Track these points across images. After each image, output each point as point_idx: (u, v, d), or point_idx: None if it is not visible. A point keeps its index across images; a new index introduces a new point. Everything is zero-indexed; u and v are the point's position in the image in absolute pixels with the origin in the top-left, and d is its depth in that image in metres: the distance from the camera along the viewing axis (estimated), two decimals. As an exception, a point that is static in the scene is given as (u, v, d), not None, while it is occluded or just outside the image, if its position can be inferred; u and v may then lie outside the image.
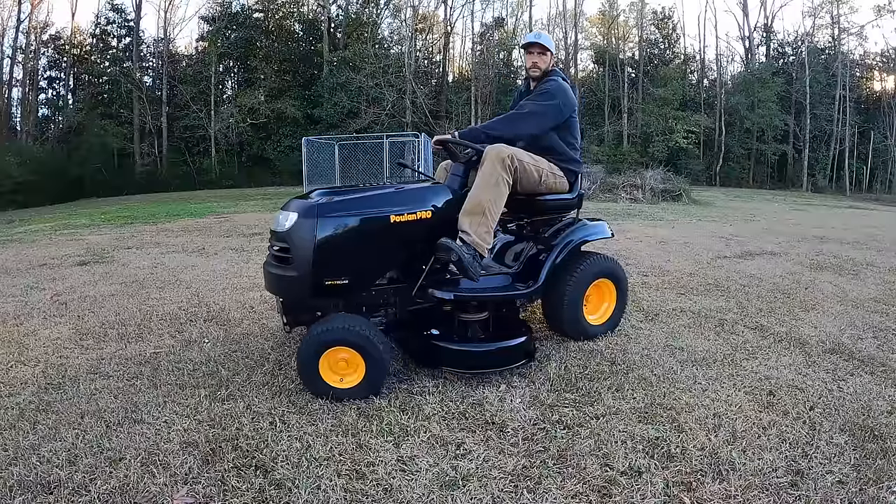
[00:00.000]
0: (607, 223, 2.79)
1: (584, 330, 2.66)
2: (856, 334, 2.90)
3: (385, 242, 2.16)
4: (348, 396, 2.03)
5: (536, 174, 2.47)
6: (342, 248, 2.08)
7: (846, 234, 7.14)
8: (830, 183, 27.59)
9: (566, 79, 2.65)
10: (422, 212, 2.17)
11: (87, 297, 3.61)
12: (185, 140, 23.92)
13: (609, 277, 2.71)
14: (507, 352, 2.29)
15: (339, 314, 2.10)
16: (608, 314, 2.77)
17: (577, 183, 2.70)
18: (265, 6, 26.25)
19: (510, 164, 2.29)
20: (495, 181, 2.25)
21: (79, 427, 1.87)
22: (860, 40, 31.84)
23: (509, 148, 2.34)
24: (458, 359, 2.26)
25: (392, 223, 2.11)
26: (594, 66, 31.95)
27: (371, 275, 2.24)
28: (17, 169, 18.65)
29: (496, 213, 2.28)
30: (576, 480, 1.59)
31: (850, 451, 1.74)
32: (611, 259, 2.75)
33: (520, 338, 2.33)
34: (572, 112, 2.61)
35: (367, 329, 2.03)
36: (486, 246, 2.26)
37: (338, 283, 2.10)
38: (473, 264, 2.17)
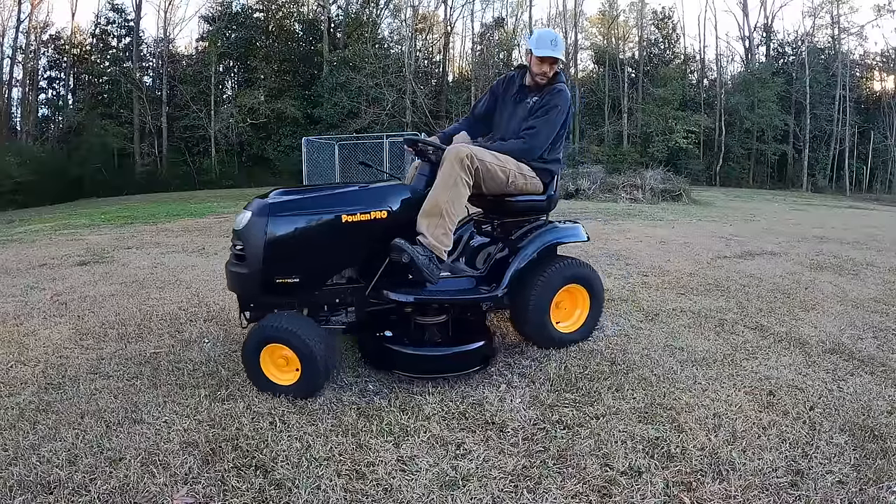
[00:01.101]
0: (583, 226, 2.69)
1: (551, 337, 2.53)
2: (856, 334, 2.90)
3: (336, 242, 2.14)
4: (288, 393, 2.05)
5: (502, 175, 2.39)
6: (292, 246, 2.08)
7: (846, 234, 7.14)
8: (830, 183, 27.59)
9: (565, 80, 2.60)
10: (376, 212, 2.15)
11: (87, 297, 3.61)
12: (185, 140, 23.91)
13: (581, 283, 2.57)
14: (462, 356, 2.25)
15: (282, 312, 2.12)
16: (580, 322, 2.63)
17: (553, 184, 2.61)
18: (265, 6, 26.25)
19: (469, 164, 2.24)
20: (454, 182, 2.21)
21: (79, 427, 1.87)
22: (860, 40, 31.86)
23: (469, 148, 2.29)
24: (409, 362, 2.23)
25: (343, 223, 2.10)
26: (594, 66, 31.94)
27: (322, 274, 2.23)
28: (17, 169, 18.65)
29: (455, 215, 2.24)
30: (576, 480, 1.59)
31: (850, 451, 1.74)
32: (584, 264, 2.61)
33: (476, 343, 2.28)
34: (570, 117, 2.61)
35: (303, 328, 2.02)
36: (443, 248, 2.22)
37: (288, 281, 2.11)
38: (430, 266, 2.13)
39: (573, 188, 12.95)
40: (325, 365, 2.05)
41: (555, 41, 2.47)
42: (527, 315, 2.46)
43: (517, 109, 2.57)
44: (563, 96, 2.49)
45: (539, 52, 2.45)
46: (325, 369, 2.06)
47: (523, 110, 2.54)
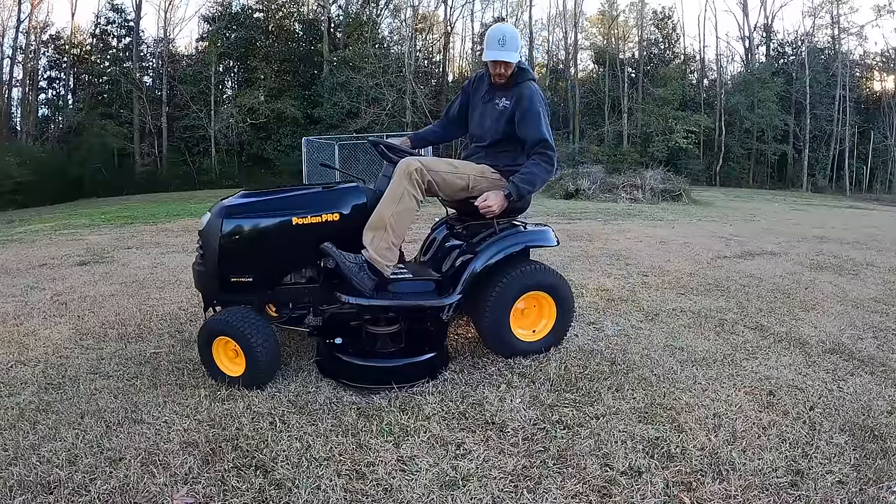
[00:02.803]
0: (552, 230, 2.57)
1: (510, 346, 2.41)
2: (856, 334, 2.90)
3: (287, 244, 2.19)
4: (237, 383, 2.13)
5: (460, 181, 2.35)
6: (244, 247, 2.16)
7: (846, 234, 7.14)
8: (830, 183, 27.59)
9: (534, 76, 2.49)
10: (327, 215, 2.19)
11: (87, 297, 3.61)
12: (185, 140, 23.92)
13: (545, 291, 2.43)
14: (407, 368, 2.21)
15: (233, 308, 2.20)
16: (545, 331, 2.49)
17: None
18: (265, 6, 26.25)
19: (418, 178, 2.22)
20: (400, 196, 2.20)
21: (79, 427, 1.87)
22: (860, 40, 31.88)
23: (419, 161, 2.26)
24: (351, 372, 2.20)
25: (294, 225, 2.15)
26: (594, 66, 31.95)
27: (275, 274, 2.27)
28: (17, 169, 18.67)
29: (400, 230, 2.23)
30: (576, 480, 1.59)
31: (850, 451, 1.74)
32: (549, 271, 2.46)
33: (424, 354, 2.25)
34: None
35: (245, 323, 2.09)
36: (384, 262, 2.20)
37: (242, 280, 2.19)
38: (359, 275, 2.14)
39: (573, 188, 12.95)
40: (268, 358, 2.11)
41: (503, 40, 2.34)
42: (483, 322, 2.37)
43: (487, 109, 2.49)
44: (538, 96, 2.39)
45: (486, 55, 2.36)
46: (266, 362, 2.12)
47: (493, 111, 2.45)
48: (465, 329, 2.85)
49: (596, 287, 3.79)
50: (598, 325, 2.96)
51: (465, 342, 2.68)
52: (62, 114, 26.03)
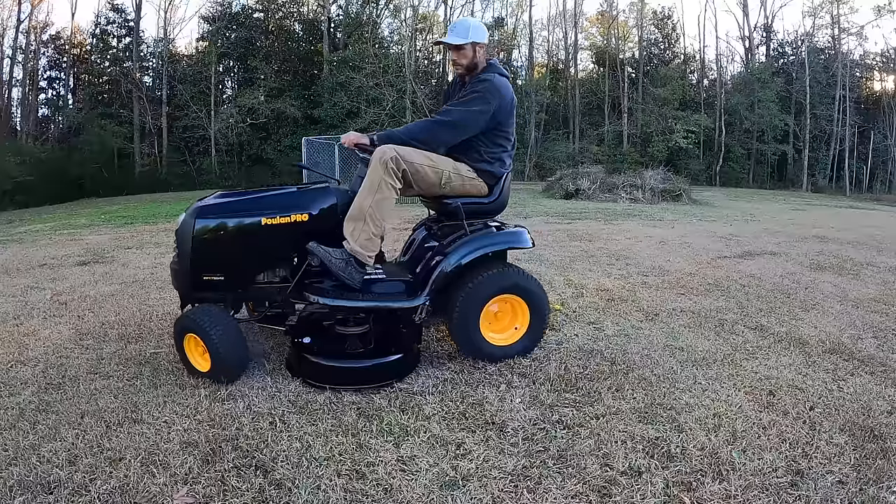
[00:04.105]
0: (528, 231, 2.50)
1: (480, 350, 2.36)
2: (856, 334, 2.90)
3: (256, 244, 2.24)
4: (206, 378, 2.19)
5: (434, 176, 2.30)
6: (215, 246, 2.22)
7: (846, 234, 7.14)
8: (830, 183, 27.58)
9: (504, 72, 2.43)
10: (296, 215, 2.22)
11: (87, 297, 3.61)
12: (185, 140, 23.90)
13: (517, 294, 2.37)
14: (373, 370, 2.20)
15: (202, 306, 2.27)
16: (518, 335, 2.44)
17: (500, 186, 2.46)
18: (265, 6, 26.24)
19: (394, 167, 2.20)
20: (377, 186, 2.20)
21: (79, 427, 1.87)
22: (860, 40, 31.82)
23: (394, 149, 2.22)
24: (314, 371, 2.20)
25: (263, 225, 2.19)
26: (594, 66, 31.96)
27: (245, 273, 2.32)
28: (17, 169, 18.66)
29: (380, 219, 2.23)
30: (576, 480, 1.59)
31: (850, 451, 1.74)
32: (522, 274, 2.39)
33: (389, 356, 2.24)
34: (508, 112, 2.39)
35: (208, 321, 2.15)
36: (366, 253, 2.22)
37: (214, 278, 2.25)
38: (346, 270, 2.17)
39: (573, 188, 12.95)
40: (230, 355, 2.16)
41: (453, 28, 2.39)
42: (453, 325, 2.35)
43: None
44: (489, 84, 2.31)
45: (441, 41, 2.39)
46: (229, 359, 2.16)
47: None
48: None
49: (596, 287, 3.79)
50: (598, 325, 2.96)
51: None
52: (62, 114, 26.03)
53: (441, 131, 2.31)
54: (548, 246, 5.53)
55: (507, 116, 2.40)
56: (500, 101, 2.32)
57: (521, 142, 27.02)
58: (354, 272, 2.20)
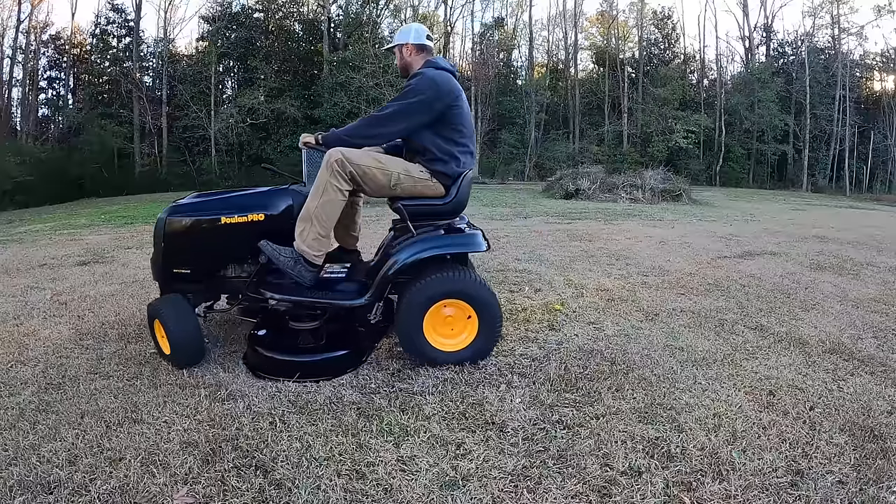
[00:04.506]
0: (483, 234, 2.44)
1: (423, 353, 2.33)
2: (856, 334, 2.90)
3: (216, 241, 2.39)
4: (167, 362, 2.38)
5: (383, 178, 2.32)
6: (182, 242, 2.41)
7: (846, 234, 7.14)
8: (830, 183, 27.59)
9: (444, 67, 2.43)
10: (253, 215, 2.36)
11: (87, 297, 3.61)
12: (185, 140, 23.90)
13: (463, 299, 2.31)
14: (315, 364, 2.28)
15: (167, 295, 2.47)
16: (466, 342, 2.37)
17: (457, 186, 2.41)
18: (265, 6, 26.24)
19: (339, 169, 2.25)
20: (324, 187, 2.26)
21: (79, 427, 1.87)
22: (860, 40, 31.87)
23: (341, 151, 2.26)
24: (261, 363, 2.31)
25: (222, 224, 2.34)
26: (594, 66, 31.98)
27: (208, 268, 2.48)
28: (17, 169, 18.66)
29: (326, 220, 2.29)
30: (576, 480, 1.59)
31: (850, 451, 1.74)
32: (470, 279, 2.30)
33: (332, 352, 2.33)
34: (450, 104, 2.35)
35: (167, 309, 2.35)
36: (314, 253, 2.28)
37: (182, 271, 2.45)
38: (295, 268, 2.27)
39: (573, 188, 12.96)
40: (185, 342, 2.33)
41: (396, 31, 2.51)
42: (398, 327, 2.34)
43: None
44: (420, 78, 2.33)
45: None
46: (184, 345, 2.33)
47: None
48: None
49: (596, 287, 3.79)
50: (598, 325, 2.96)
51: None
52: (62, 114, 26.04)
53: (379, 125, 2.33)
54: (548, 246, 5.53)
55: (451, 109, 2.36)
56: (435, 91, 2.30)
57: (521, 142, 27.07)
58: (304, 271, 2.28)
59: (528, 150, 26.56)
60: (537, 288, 3.74)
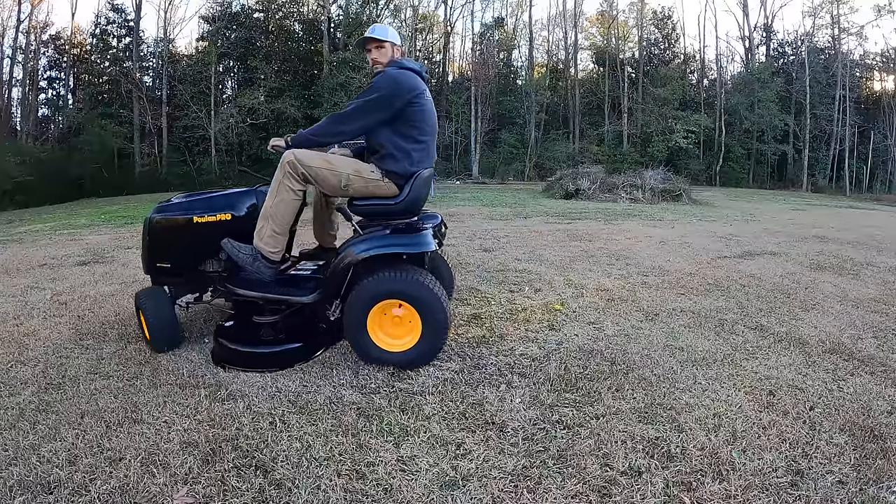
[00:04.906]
0: (431, 234, 2.42)
1: (368, 353, 2.35)
2: (856, 334, 2.90)
3: (189, 238, 2.56)
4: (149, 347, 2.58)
5: (334, 178, 2.36)
6: (162, 239, 2.61)
7: (846, 234, 7.14)
8: (830, 183, 27.59)
9: (408, 66, 2.45)
10: (221, 215, 2.53)
11: (87, 297, 3.61)
12: (185, 140, 23.89)
13: (405, 300, 2.29)
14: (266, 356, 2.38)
15: (149, 287, 2.71)
16: (411, 344, 2.34)
17: (409, 185, 2.41)
18: (265, 6, 26.24)
19: (291, 170, 2.34)
20: (277, 187, 2.37)
21: (79, 427, 1.87)
22: (860, 40, 31.89)
23: (293, 153, 2.35)
24: (221, 354, 2.44)
25: (195, 223, 2.51)
26: (594, 66, 31.99)
27: (185, 263, 2.64)
28: (17, 169, 18.66)
29: (281, 219, 2.38)
30: (576, 480, 1.59)
31: (850, 451, 1.74)
32: (413, 280, 2.27)
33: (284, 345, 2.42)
34: (410, 101, 2.36)
35: (147, 301, 2.57)
36: (269, 250, 2.39)
37: (163, 265, 2.65)
38: (254, 265, 2.39)
39: (573, 188, 12.96)
40: (160, 329, 2.54)
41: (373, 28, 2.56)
42: (345, 325, 2.37)
43: None
44: (383, 75, 2.36)
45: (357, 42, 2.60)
46: (158, 332, 2.54)
47: None
48: (464, 329, 2.85)
49: (596, 287, 3.79)
50: (598, 325, 2.96)
51: (464, 342, 2.68)
52: (62, 114, 26.04)
53: (341, 123, 2.37)
54: (548, 246, 5.53)
55: (411, 106, 2.37)
56: (394, 88, 2.33)
57: (521, 142, 27.08)
58: (262, 267, 2.40)
59: (528, 150, 26.56)
60: (537, 288, 3.74)
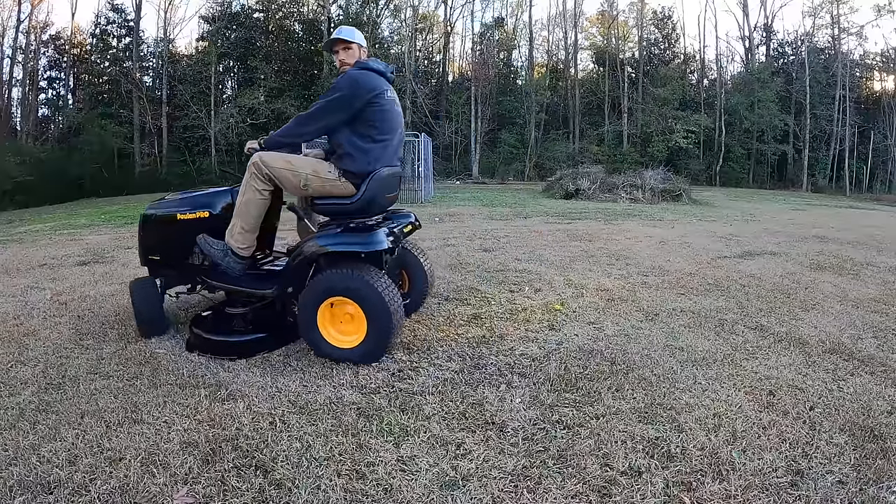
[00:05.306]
0: (385, 233, 2.47)
1: (319, 348, 2.43)
2: (856, 334, 2.90)
3: (174, 233, 2.72)
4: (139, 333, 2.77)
5: (294, 178, 2.46)
6: (151, 234, 2.81)
7: (846, 234, 7.14)
8: (830, 183, 27.58)
9: (372, 67, 2.51)
10: (200, 212, 2.68)
11: (87, 297, 3.61)
12: (185, 140, 23.90)
13: (350, 298, 2.34)
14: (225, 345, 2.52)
15: (141, 277, 2.89)
16: (356, 342, 2.39)
17: (366, 185, 2.45)
18: (265, 6, 26.25)
19: (255, 171, 2.48)
20: (245, 187, 2.52)
21: (79, 427, 1.87)
22: (860, 40, 31.83)
23: (259, 155, 2.49)
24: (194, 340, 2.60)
25: (178, 220, 2.68)
26: (594, 66, 32.00)
27: (172, 256, 2.79)
28: (17, 169, 18.66)
29: (248, 217, 2.52)
30: (576, 480, 1.59)
31: (850, 451, 1.74)
32: (359, 278, 2.32)
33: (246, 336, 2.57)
34: (369, 101, 2.41)
35: (137, 290, 2.78)
36: (238, 246, 2.53)
37: (154, 258, 2.83)
38: (224, 259, 2.54)
39: (573, 188, 12.97)
40: (147, 316, 2.75)
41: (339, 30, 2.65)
42: (298, 320, 2.44)
43: None
44: (344, 76, 2.45)
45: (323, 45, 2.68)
46: (146, 319, 2.76)
47: None
48: (464, 329, 2.85)
49: (596, 287, 3.79)
50: (598, 325, 2.96)
51: (464, 342, 2.68)
52: (62, 114, 26.04)
53: (304, 124, 2.48)
54: (548, 246, 5.53)
55: (370, 106, 2.42)
56: (354, 88, 2.41)
57: (521, 142, 27.08)
58: (232, 262, 2.54)
59: (528, 150, 26.57)
60: (537, 288, 3.74)
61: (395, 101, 2.58)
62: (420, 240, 5.93)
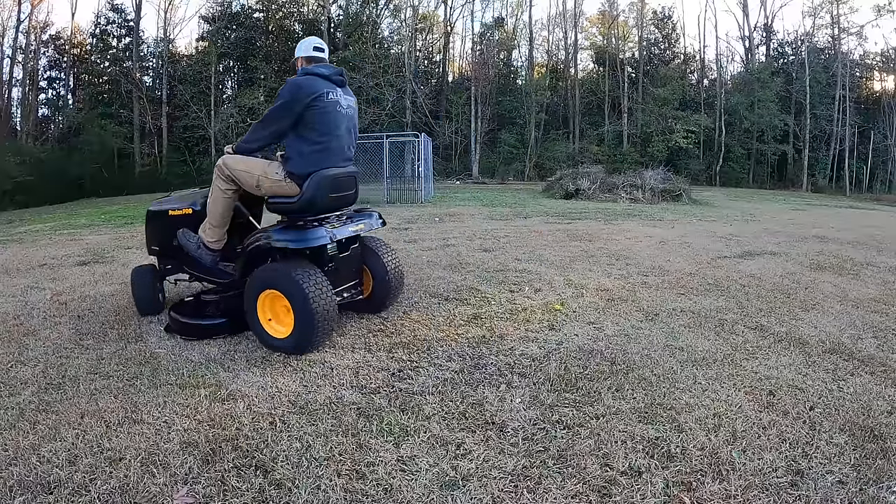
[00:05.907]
0: (326, 230, 2.58)
1: (261, 336, 2.59)
2: (856, 334, 2.90)
3: (165, 227, 3.04)
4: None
5: (250, 180, 2.69)
6: (152, 228, 3.17)
7: (846, 234, 7.14)
8: (830, 183, 27.57)
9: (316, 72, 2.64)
10: (185, 209, 3.00)
11: (87, 297, 3.61)
12: (185, 140, 23.91)
13: (280, 292, 2.49)
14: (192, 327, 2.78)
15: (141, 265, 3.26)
16: (286, 333, 2.52)
17: (307, 185, 2.57)
18: (265, 6, 26.26)
19: (219, 172, 2.73)
20: (213, 187, 2.78)
21: (79, 427, 1.87)
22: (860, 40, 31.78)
23: (224, 158, 2.74)
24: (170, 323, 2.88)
25: (169, 216, 3.04)
26: (594, 66, 31.99)
27: (167, 247, 3.06)
28: (17, 169, 18.67)
29: (216, 214, 2.78)
30: (576, 480, 1.59)
31: (850, 451, 1.74)
32: (286, 274, 2.46)
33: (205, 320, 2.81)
34: (308, 105, 2.52)
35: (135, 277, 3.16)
36: (208, 240, 2.82)
37: (154, 248, 3.18)
38: (197, 252, 2.83)
39: (573, 188, 12.96)
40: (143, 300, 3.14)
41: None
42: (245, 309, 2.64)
43: None
44: (284, 86, 2.58)
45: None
46: (139, 300, 3.15)
47: None
48: (464, 329, 2.85)
49: (596, 287, 3.79)
50: (598, 325, 2.96)
51: (464, 342, 2.68)
52: (62, 114, 26.05)
53: (259, 130, 2.66)
54: (548, 246, 5.53)
55: (309, 109, 2.54)
56: (294, 94, 2.54)
57: (521, 142, 27.08)
58: (204, 254, 2.83)
59: (527, 150, 26.56)
60: (537, 288, 3.74)
61: (338, 103, 2.65)
62: (420, 240, 5.93)
